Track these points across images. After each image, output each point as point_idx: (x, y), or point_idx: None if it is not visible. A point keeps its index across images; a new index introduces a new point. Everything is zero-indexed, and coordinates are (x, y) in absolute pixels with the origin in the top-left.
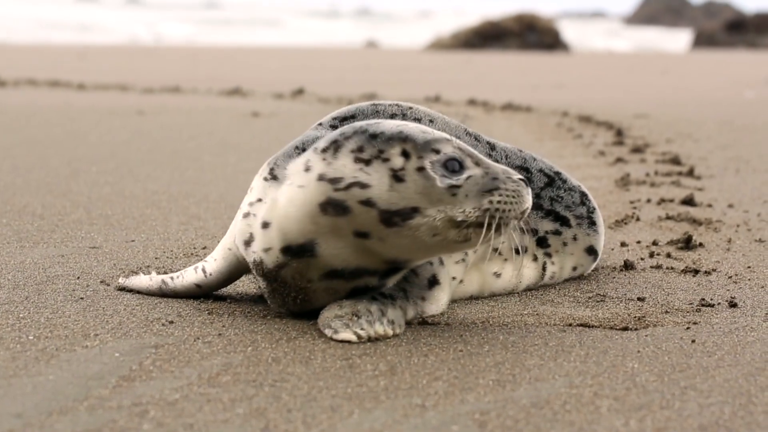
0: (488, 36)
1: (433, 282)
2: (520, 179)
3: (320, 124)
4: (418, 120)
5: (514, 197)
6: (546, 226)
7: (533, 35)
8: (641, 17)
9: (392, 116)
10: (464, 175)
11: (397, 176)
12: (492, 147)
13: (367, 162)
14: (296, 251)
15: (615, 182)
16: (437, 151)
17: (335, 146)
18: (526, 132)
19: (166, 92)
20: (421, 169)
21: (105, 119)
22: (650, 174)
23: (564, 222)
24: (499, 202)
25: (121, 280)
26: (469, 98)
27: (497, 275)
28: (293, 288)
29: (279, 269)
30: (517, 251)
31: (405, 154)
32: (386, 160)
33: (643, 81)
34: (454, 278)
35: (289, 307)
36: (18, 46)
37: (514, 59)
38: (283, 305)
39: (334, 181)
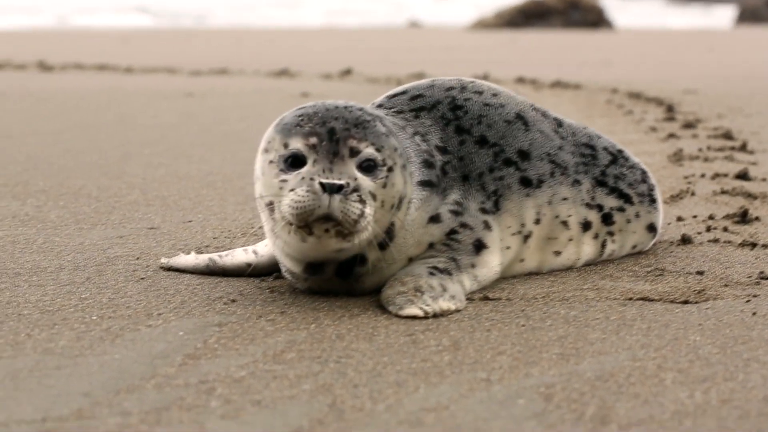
0: (531, 14)
1: (479, 246)
2: (333, 184)
3: (380, 106)
4: (479, 92)
5: (304, 200)
6: (611, 202)
7: (577, 13)
8: None
9: (449, 89)
10: (295, 173)
11: (263, 168)
12: (559, 123)
13: (261, 153)
14: None
15: (668, 158)
16: (286, 146)
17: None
18: (575, 109)
19: (213, 74)
20: (270, 162)
21: (154, 102)
22: (703, 149)
23: (627, 199)
24: (289, 202)
25: (164, 260)
26: (518, 76)
27: (557, 253)
28: None
29: None
30: (584, 228)
31: (275, 147)
32: (266, 151)
33: (690, 58)
34: (509, 248)
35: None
36: (62, 31)
37: (558, 37)
38: None
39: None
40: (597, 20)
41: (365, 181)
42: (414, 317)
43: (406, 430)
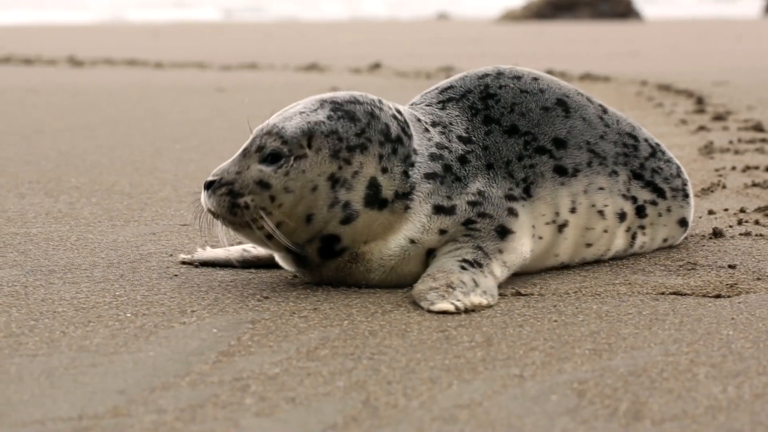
0: (560, 6)
1: (504, 232)
2: (206, 181)
3: (412, 104)
4: (518, 78)
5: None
6: (645, 195)
7: (605, 4)
8: None
9: (483, 77)
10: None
11: None
12: (604, 110)
13: None
14: None
15: (698, 150)
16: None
17: None
18: (605, 102)
19: (243, 69)
20: None
21: (184, 97)
22: (733, 141)
23: (660, 194)
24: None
25: (185, 256)
26: (547, 69)
27: (589, 245)
28: None
29: None
30: (620, 218)
31: None
32: None
33: (719, 48)
34: (541, 238)
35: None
36: (91, 26)
37: (587, 29)
38: None
39: None
40: (625, 11)
41: (255, 172)
42: (445, 312)
43: (440, 426)
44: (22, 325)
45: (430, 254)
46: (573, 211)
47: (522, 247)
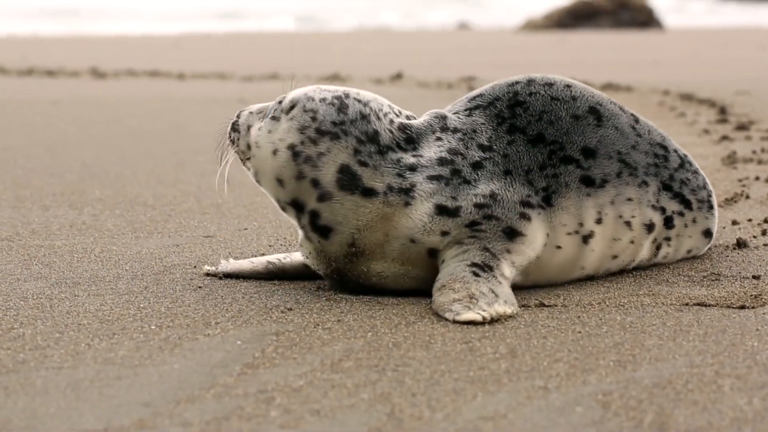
0: (581, 15)
1: (513, 234)
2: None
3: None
4: (549, 85)
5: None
6: (673, 206)
7: (626, 13)
8: None
9: (513, 84)
10: None
11: None
12: (636, 120)
13: None
14: None
15: (722, 160)
16: None
17: None
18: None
19: (264, 80)
20: None
21: (206, 108)
22: (757, 151)
23: (687, 205)
24: None
25: (209, 268)
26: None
27: (615, 257)
28: None
29: None
30: (648, 228)
31: None
32: None
33: (740, 56)
34: (559, 247)
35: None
36: (113, 37)
37: (608, 38)
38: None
39: None
40: (647, 20)
41: (254, 119)
42: (472, 323)
43: None
44: (47, 338)
45: (433, 255)
46: (599, 222)
47: (531, 252)
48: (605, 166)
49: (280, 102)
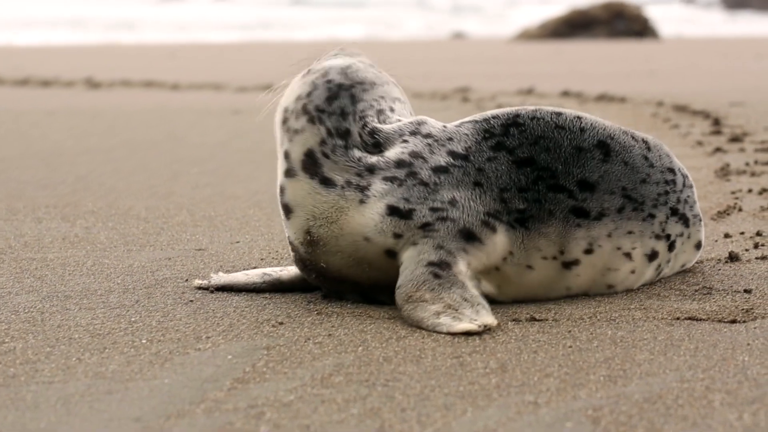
0: (576, 25)
1: (470, 236)
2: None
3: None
4: (557, 114)
5: None
6: (677, 229)
7: (622, 23)
8: (730, 1)
9: (519, 107)
10: None
11: None
12: (648, 147)
13: None
14: None
15: (715, 172)
16: None
17: None
18: (621, 123)
19: (259, 90)
20: None
21: (201, 119)
22: (750, 163)
23: (686, 223)
24: None
25: (199, 281)
26: (563, 90)
27: (610, 286)
28: None
29: None
30: (650, 258)
31: None
32: None
33: (737, 66)
34: (530, 267)
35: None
36: (108, 46)
37: (603, 48)
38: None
39: None
40: (642, 30)
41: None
42: (468, 333)
43: None
44: (38, 352)
45: (391, 256)
46: (589, 252)
47: (485, 260)
48: (605, 201)
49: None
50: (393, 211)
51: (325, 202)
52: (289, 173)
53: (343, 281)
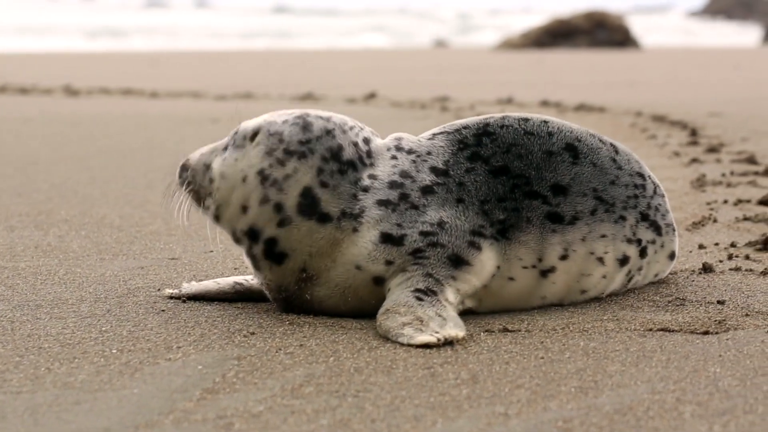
0: (557, 34)
1: (458, 261)
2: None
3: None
4: (525, 120)
5: None
6: (648, 236)
7: (603, 32)
8: (711, 11)
9: (489, 117)
10: None
11: None
12: (616, 150)
13: None
14: None
15: (690, 183)
16: None
17: None
18: (600, 133)
19: (238, 98)
20: None
21: (179, 128)
22: (726, 174)
23: (658, 231)
24: None
25: (170, 291)
26: (542, 99)
27: (584, 291)
28: None
29: None
30: (622, 262)
31: None
32: None
33: (716, 77)
34: (512, 279)
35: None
36: (89, 54)
37: (585, 57)
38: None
39: None
40: (623, 40)
41: (207, 156)
42: (427, 345)
43: None
44: (7, 362)
45: (379, 284)
46: (564, 258)
47: (476, 281)
48: (578, 204)
49: (236, 133)
50: (386, 238)
51: (322, 238)
52: (282, 223)
53: (322, 312)
